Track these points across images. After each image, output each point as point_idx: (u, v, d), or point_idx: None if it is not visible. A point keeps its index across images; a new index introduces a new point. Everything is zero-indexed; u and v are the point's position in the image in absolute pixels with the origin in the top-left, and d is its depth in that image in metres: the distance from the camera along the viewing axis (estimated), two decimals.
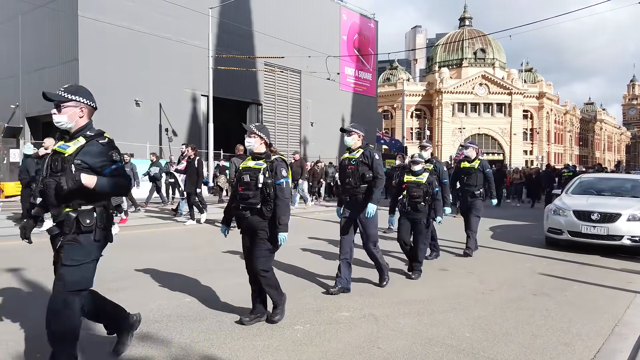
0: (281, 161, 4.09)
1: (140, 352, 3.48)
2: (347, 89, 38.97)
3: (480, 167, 7.84)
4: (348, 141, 5.23)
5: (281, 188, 3.98)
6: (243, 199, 4.01)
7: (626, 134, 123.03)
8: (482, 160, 7.99)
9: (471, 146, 8.15)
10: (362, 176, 5.09)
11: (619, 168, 38.65)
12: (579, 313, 4.73)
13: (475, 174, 7.83)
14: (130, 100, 24.41)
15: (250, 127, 4.11)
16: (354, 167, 5.13)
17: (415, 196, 6.01)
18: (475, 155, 8.05)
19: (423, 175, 6.11)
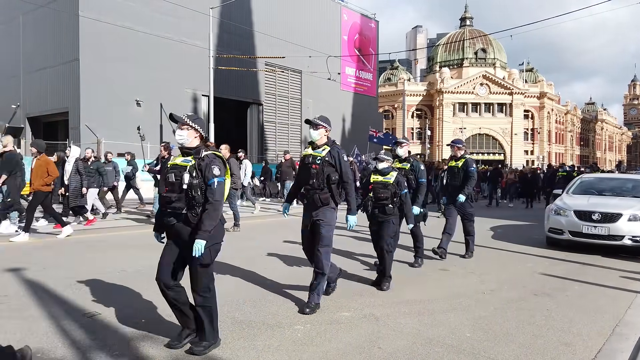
0: (214, 158, 3.49)
1: (140, 352, 3.48)
2: (348, 89, 38.97)
3: (464, 166, 7.47)
4: (314, 135, 4.65)
5: (211, 190, 3.39)
6: (167, 203, 3.44)
7: (627, 134, 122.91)
8: (467, 158, 7.58)
9: (456, 145, 7.80)
10: (327, 178, 4.55)
11: (620, 168, 38.65)
12: (580, 313, 4.72)
13: (459, 173, 7.51)
14: (131, 100, 24.42)
15: (181, 116, 3.56)
16: (318, 166, 4.57)
17: (382, 197, 5.45)
18: (461, 153, 7.67)
19: (391, 174, 5.54)
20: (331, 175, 4.56)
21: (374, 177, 5.61)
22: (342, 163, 4.59)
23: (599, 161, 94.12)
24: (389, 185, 5.49)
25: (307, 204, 4.70)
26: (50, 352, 3.43)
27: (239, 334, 3.88)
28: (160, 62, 25.00)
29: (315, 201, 4.59)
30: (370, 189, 5.61)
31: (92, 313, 4.32)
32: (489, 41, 72.11)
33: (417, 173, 6.54)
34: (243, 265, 6.60)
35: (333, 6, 37.82)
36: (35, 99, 25.80)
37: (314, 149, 4.70)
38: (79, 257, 6.92)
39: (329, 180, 4.57)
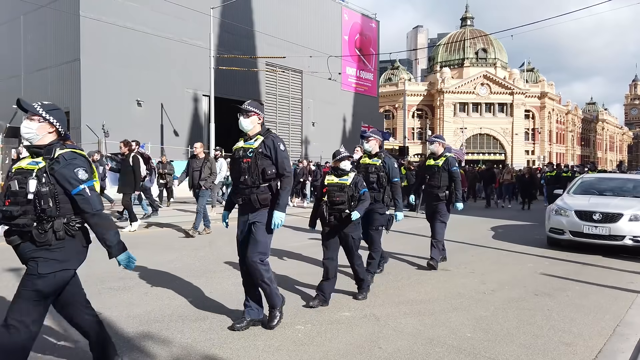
0: (74, 158, 2.72)
1: (141, 352, 3.48)
2: (349, 89, 38.97)
3: (445, 164, 6.79)
4: (245, 124, 4.02)
5: (84, 199, 2.69)
6: (8, 219, 2.69)
7: (628, 134, 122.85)
8: (448, 157, 6.90)
9: (437, 141, 7.08)
10: (262, 172, 3.88)
11: (621, 168, 38.60)
12: (581, 313, 4.72)
13: (439, 172, 6.79)
14: (132, 100, 24.46)
15: (32, 104, 2.82)
16: (250, 160, 3.91)
17: (338, 202, 4.71)
18: (441, 151, 7.01)
19: (349, 175, 4.80)
20: (267, 169, 3.89)
21: (329, 178, 4.86)
22: (278, 153, 3.92)
23: (599, 161, 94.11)
24: (346, 187, 4.76)
25: (243, 206, 4.02)
26: (50, 352, 3.43)
27: (240, 334, 3.88)
28: (161, 62, 25.04)
29: (252, 202, 3.92)
30: (324, 192, 4.84)
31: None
32: (490, 41, 72.10)
33: (389, 170, 5.72)
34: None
35: (334, 6, 37.83)
36: (36, 99, 25.36)
37: (245, 140, 4.07)
38: None
39: (265, 175, 3.90)
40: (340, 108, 37.41)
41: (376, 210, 5.56)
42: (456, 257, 7.63)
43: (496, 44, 73.77)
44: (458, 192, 6.76)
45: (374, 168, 5.71)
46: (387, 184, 5.70)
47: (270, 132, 4.09)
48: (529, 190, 18.85)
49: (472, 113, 70.16)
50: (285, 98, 34.28)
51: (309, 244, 8.69)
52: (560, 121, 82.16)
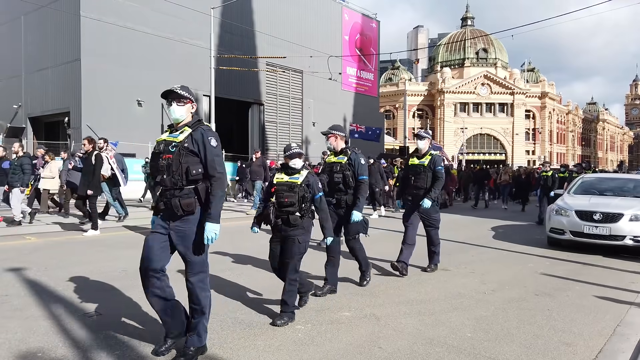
0: None
1: (141, 352, 3.48)
2: (349, 89, 38.97)
3: (430, 164, 6.22)
4: (178, 113, 3.35)
5: None
6: None
7: (629, 134, 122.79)
8: (434, 155, 6.30)
9: (427, 137, 6.43)
10: (185, 172, 3.22)
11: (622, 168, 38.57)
12: (581, 313, 4.72)
13: (424, 173, 6.21)
14: (133, 100, 24.47)
15: None
16: (172, 156, 3.24)
17: (286, 203, 4.19)
18: (427, 148, 6.36)
19: (300, 174, 4.29)
20: (191, 169, 3.22)
21: (278, 177, 4.35)
22: (208, 149, 3.26)
23: (600, 161, 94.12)
24: (296, 187, 4.23)
25: (165, 211, 3.33)
26: (51, 352, 3.43)
27: (240, 334, 3.88)
28: (161, 62, 25.04)
29: (173, 207, 3.24)
30: (272, 192, 4.35)
31: (93, 313, 4.33)
32: (490, 41, 72.10)
33: (356, 169, 5.14)
34: (243, 265, 6.60)
35: (334, 6, 37.83)
36: (36, 99, 25.84)
37: (171, 132, 3.40)
38: (79, 257, 6.92)
39: (188, 176, 3.23)
40: (341, 108, 37.39)
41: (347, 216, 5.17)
42: (456, 257, 7.63)
43: (497, 44, 73.77)
44: (434, 191, 6.15)
45: (339, 167, 5.17)
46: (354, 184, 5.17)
47: (201, 123, 3.41)
48: (525, 191, 18.25)
49: (472, 113, 70.17)
50: (285, 98, 34.28)
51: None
52: (561, 121, 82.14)
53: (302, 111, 35.02)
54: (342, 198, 5.18)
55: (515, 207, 18.33)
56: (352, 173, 5.14)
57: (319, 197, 4.35)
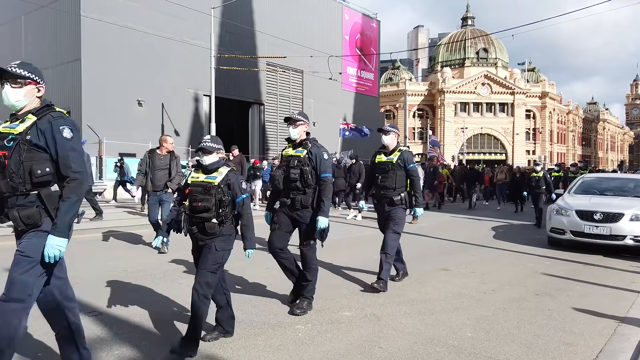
0: None
1: (141, 352, 3.48)
2: (350, 88, 38.96)
3: (400, 161, 5.47)
4: (8, 97, 2.70)
5: None
6: None
7: (629, 133, 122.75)
8: (404, 151, 5.55)
9: (393, 131, 5.64)
10: (29, 173, 2.56)
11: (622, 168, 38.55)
12: (582, 313, 4.72)
13: (393, 171, 5.46)
14: (133, 100, 24.46)
15: None
16: (9, 152, 2.57)
17: (200, 209, 3.54)
18: (395, 144, 5.62)
19: (219, 172, 3.61)
20: (35, 168, 2.55)
21: (194, 175, 3.70)
22: (58, 143, 2.59)
23: (600, 161, 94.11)
24: (213, 188, 3.55)
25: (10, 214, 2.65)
26: (51, 352, 3.43)
27: (240, 334, 3.88)
28: (161, 62, 25.04)
29: (13, 220, 2.61)
30: (187, 193, 3.67)
31: (93, 313, 4.33)
32: (491, 41, 72.07)
33: (317, 164, 4.41)
34: (244, 264, 6.60)
35: (334, 6, 37.83)
36: None
37: (11, 122, 2.71)
38: (80, 257, 6.92)
39: (32, 177, 2.55)
40: (341, 108, 37.36)
41: (302, 219, 4.48)
42: (457, 256, 7.64)
43: (497, 44, 73.73)
44: (418, 195, 5.53)
45: (297, 161, 4.42)
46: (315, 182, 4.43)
47: (51, 108, 2.71)
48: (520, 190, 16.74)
49: (473, 113, 70.14)
50: (286, 98, 34.27)
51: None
52: (561, 121, 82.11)
53: None
54: (298, 198, 4.44)
55: (511, 208, 17.36)
56: (312, 169, 4.40)
57: (242, 200, 3.65)
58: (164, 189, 7.42)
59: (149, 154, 7.64)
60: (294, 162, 4.45)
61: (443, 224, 12.11)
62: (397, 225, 5.49)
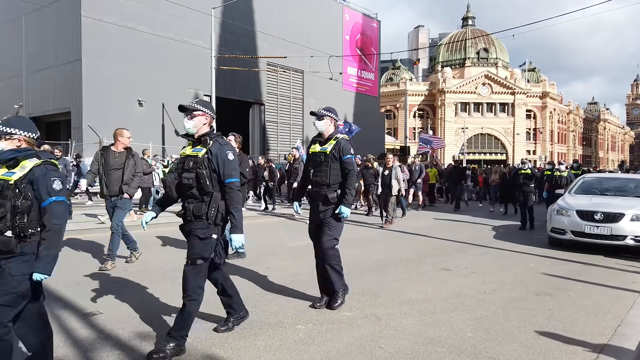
0: None
1: (141, 352, 3.48)
2: (350, 88, 38.99)
3: (335, 151, 4.52)
4: None
5: None
6: None
7: (630, 133, 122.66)
8: (340, 140, 4.58)
9: (327, 115, 4.63)
10: None
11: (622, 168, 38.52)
12: (582, 313, 4.71)
13: (327, 163, 4.54)
14: (133, 100, 24.49)
15: None
16: None
17: None
18: (331, 131, 4.64)
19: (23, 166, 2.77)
20: None
21: None
22: None
23: (601, 161, 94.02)
24: (7, 189, 2.70)
25: None
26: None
27: (240, 334, 3.88)
28: (162, 62, 25.07)
29: None
30: None
31: (93, 312, 4.33)
32: (491, 41, 72.04)
33: (219, 167, 3.53)
34: (244, 265, 6.60)
35: (335, 6, 37.85)
36: (37, 98, 25.88)
37: None
38: (80, 257, 6.93)
39: None
40: (342, 108, 37.36)
41: (194, 232, 3.53)
42: (457, 257, 7.63)
43: (497, 44, 73.69)
44: (349, 192, 4.50)
45: (192, 162, 3.57)
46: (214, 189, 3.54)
47: None
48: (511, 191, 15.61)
49: (473, 113, 70.10)
50: (286, 98, 34.29)
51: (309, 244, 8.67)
52: (562, 121, 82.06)
53: (302, 111, 35.03)
54: (190, 207, 3.56)
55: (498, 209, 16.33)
56: (213, 172, 3.52)
57: (48, 205, 2.74)
58: (119, 194, 6.23)
59: (102, 151, 6.46)
60: (188, 164, 3.58)
61: (442, 224, 12.10)
62: (332, 228, 4.52)
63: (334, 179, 4.55)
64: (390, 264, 6.85)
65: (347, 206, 4.52)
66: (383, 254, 7.71)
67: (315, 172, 4.64)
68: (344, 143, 4.57)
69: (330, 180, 4.55)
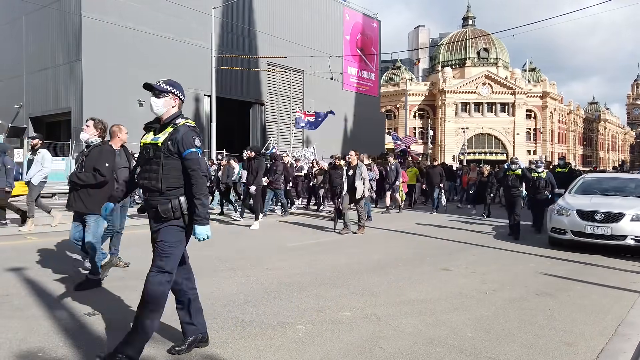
0: None
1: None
2: (350, 88, 39.00)
3: (170, 143, 3.21)
4: None
5: None
6: None
7: (630, 133, 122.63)
8: (179, 127, 3.27)
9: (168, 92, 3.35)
10: None
11: (623, 168, 38.46)
12: (582, 313, 4.71)
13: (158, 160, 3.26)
14: (133, 100, 24.49)
15: None
16: None
17: None
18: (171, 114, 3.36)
19: None
20: None
21: None
22: None
23: (601, 161, 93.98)
24: None
25: None
26: (51, 352, 3.43)
27: (240, 334, 3.88)
28: (162, 62, 25.08)
29: None
30: None
31: (93, 312, 4.33)
32: (492, 41, 72.03)
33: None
34: (244, 265, 6.60)
35: (335, 6, 37.87)
36: (37, 99, 25.89)
37: None
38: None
39: None
40: (342, 108, 37.40)
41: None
42: (457, 256, 7.63)
43: (498, 44, 73.68)
44: (200, 203, 3.20)
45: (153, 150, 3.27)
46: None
47: None
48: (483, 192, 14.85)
49: (473, 113, 70.10)
50: (286, 98, 34.30)
51: (308, 244, 8.69)
52: (562, 121, 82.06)
53: None
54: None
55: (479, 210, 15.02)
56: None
57: None
58: None
59: None
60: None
61: (441, 225, 12.10)
62: (163, 258, 3.22)
63: (169, 184, 3.21)
64: (390, 264, 6.85)
65: (203, 223, 3.22)
66: (383, 254, 7.71)
67: (142, 172, 3.34)
68: (185, 131, 3.25)
69: (162, 184, 3.21)
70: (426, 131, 65.39)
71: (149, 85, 3.35)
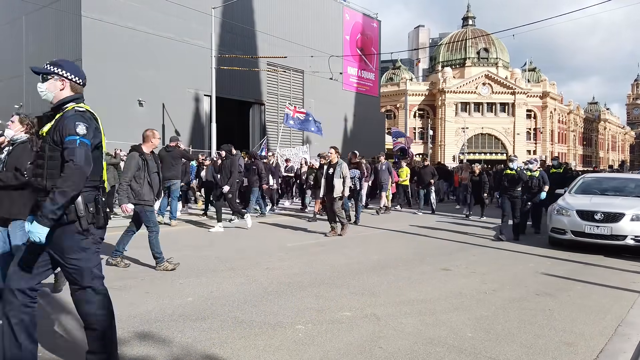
0: None
1: (141, 352, 3.48)
2: (350, 88, 38.98)
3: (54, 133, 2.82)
4: None
5: None
6: None
7: (630, 133, 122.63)
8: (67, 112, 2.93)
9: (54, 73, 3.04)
10: None
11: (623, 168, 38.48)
12: (582, 313, 4.71)
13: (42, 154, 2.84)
14: (133, 100, 24.49)
15: None
16: None
17: None
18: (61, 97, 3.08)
19: None
20: None
21: None
22: None
23: (601, 161, 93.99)
24: None
25: None
26: (51, 352, 3.43)
27: (240, 334, 3.88)
28: (162, 62, 25.07)
29: None
30: None
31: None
32: (492, 41, 72.05)
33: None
34: (244, 265, 6.60)
35: (335, 6, 37.85)
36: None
37: None
38: None
39: None
40: (342, 108, 37.39)
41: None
42: (457, 256, 7.63)
43: (498, 44, 73.70)
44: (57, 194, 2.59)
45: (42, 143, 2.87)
46: None
47: None
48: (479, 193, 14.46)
49: (473, 113, 70.12)
50: (286, 98, 34.22)
51: (308, 244, 8.68)
52: (562, 121, 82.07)
53: None
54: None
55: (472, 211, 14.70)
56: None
57: None
58: None
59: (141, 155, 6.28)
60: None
61: (441, 225, 12.09)
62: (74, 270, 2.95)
63: (55, 181, 2.66)
64: (389, 264, 6.85)
65: (44, 222, 2.57)
66: (382, 254, 7.71)
67: (34, 169, 2.86)
68: (71, 116, 2.81)
69: (47, 183, 2.71)
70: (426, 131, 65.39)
71: (34, 70, 2.98)
